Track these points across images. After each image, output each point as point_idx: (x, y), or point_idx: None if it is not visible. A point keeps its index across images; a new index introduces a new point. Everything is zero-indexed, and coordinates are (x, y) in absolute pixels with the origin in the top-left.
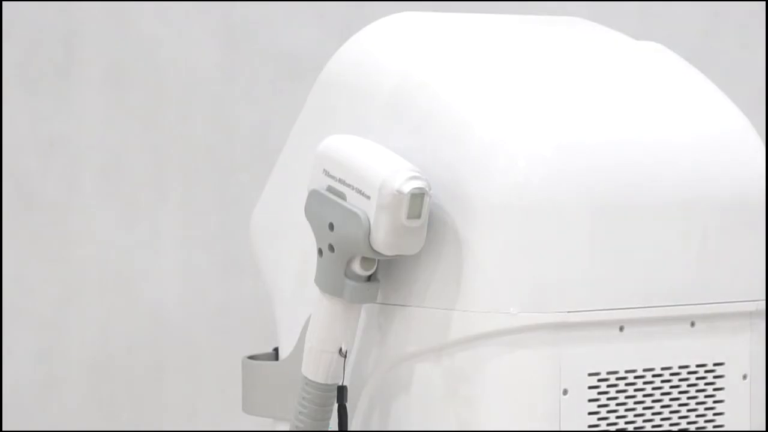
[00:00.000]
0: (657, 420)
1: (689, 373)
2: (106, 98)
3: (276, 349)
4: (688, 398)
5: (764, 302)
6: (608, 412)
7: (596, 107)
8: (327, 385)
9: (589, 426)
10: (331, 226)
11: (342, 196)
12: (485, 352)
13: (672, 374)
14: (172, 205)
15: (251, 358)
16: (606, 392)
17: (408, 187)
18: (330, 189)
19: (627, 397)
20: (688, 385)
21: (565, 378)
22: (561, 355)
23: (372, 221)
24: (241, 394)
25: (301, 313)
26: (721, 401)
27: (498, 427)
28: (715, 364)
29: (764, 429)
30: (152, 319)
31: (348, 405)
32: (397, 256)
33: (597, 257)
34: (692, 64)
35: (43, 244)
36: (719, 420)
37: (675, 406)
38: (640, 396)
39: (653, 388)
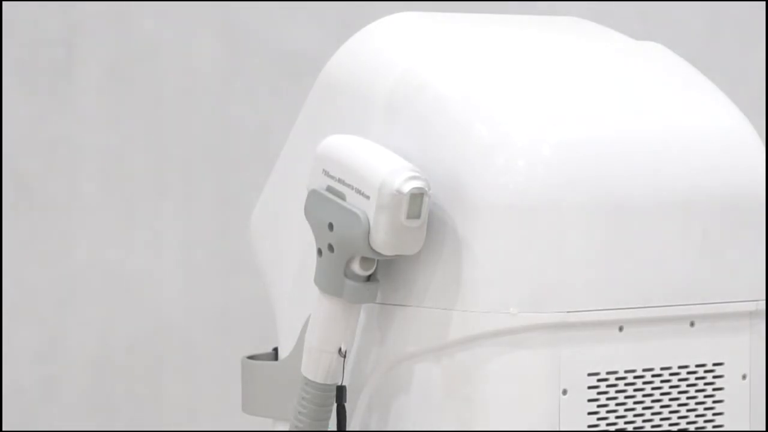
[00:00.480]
0: (656, 420)
1: (689, 373)
2: (106, 98)
3: (276, 349)
4: (688, 398)
5: (764, 302)
6: (608, 412)
7: (596, 107)
8: (326, 385)
9: (589, 426)
10: (331, 226)
11: (341, 196)
12: (485, 352)
13: (671, 374)
14: (172, 205)
15: (251, 358)
16: (605, 392)
17: (407, 187)
18: (329, 189)
19: (626, 397)
20: (688, 385)
21: (565, 378)
22: (560, 355)
23: (371, 221)
24: (240, 394)
25: (301, 313)
26: (720, 401)
27: (498, 427)
28: (714, 364)
29: (764, 429)
30: (152, 319)
31: (347, 405)
32: (396, 256)
33: (596, 257)
34: (692, 64)
35: (43, 244)
36: (719, 420)
37: (674, 406)
38: (639, 396)
39: (653, 388)
